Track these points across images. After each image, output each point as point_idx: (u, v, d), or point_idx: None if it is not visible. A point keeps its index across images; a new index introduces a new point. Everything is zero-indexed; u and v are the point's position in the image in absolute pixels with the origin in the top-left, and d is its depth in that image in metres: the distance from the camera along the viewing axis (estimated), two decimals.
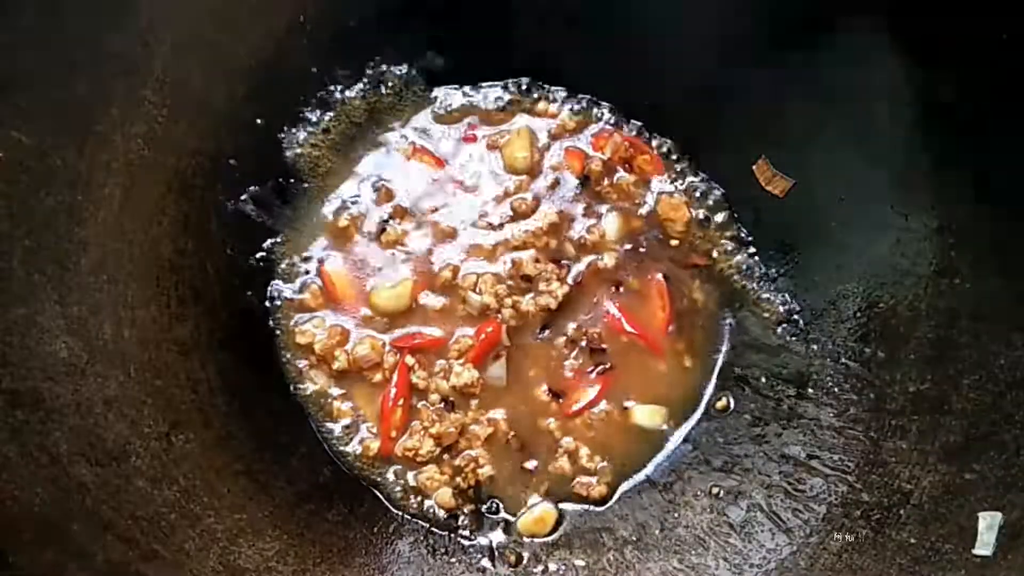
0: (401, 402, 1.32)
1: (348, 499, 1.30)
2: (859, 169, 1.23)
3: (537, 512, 1.33)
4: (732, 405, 1.38)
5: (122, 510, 1.00)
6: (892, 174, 1.18)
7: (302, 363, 1.36)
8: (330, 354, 1.33)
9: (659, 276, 1.41)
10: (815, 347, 1.31)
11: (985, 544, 0.99)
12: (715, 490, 1.30)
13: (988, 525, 0.99)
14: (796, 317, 1.36)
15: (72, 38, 1.01)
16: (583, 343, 1.37)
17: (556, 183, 1.44)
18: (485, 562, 1.30)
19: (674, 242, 1.43)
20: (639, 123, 1.48)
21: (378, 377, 1.34)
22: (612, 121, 1.48)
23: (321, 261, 1.39)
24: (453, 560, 1.29)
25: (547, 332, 1.37)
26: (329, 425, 1.35)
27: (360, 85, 1.41)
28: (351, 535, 1.25)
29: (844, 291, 1.28)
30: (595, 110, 1.49)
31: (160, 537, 1.03)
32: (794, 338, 1.35)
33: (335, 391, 1.35)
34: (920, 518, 1.07)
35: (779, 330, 1.37)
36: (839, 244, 1.28)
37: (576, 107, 1.49)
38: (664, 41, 1.34)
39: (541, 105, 1.48)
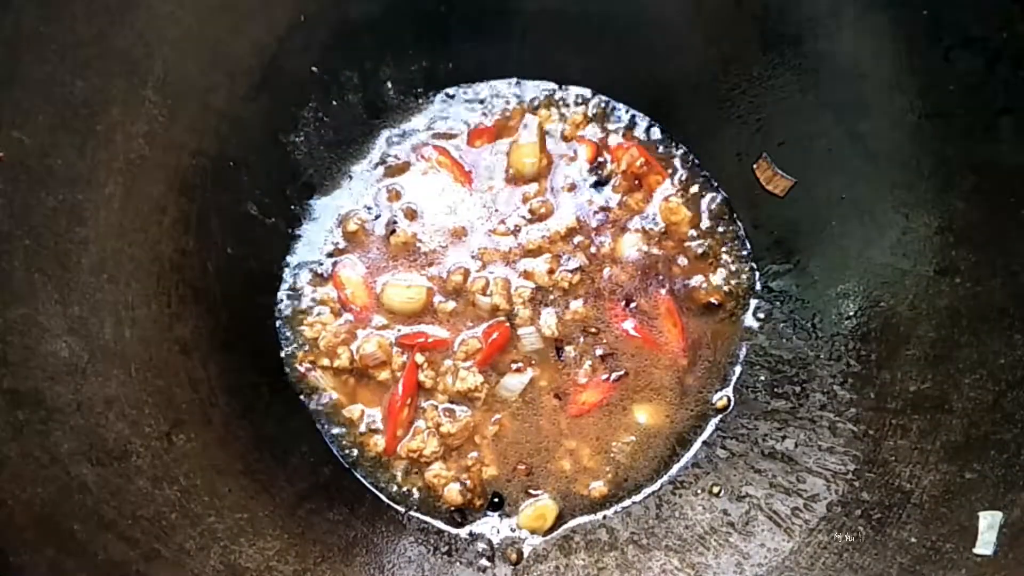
0: (408, 401, 1.32)
1: (349, 498, 1.30)
2: (859, 169, 1.23)
3: (538, 508, 1.33)
4: (732, 405, 1.39)
5: (123, 510, 1.00)
6: (892, 174, 1.18)
7: (305, 362, 1.36)
8: (333, 352, 1.33)
9: (667, 295, 1.41)
10: (815, 347, 1.31)
11: (986, 543, 0.99)
12: (715, 489, 1.31)
13: (989, 524, 0.99)
14: (796, 317, 1.36)
15: (73, 38, 1.01)
16: (595, 353, 1.37)
17: (572, 187, 1.44)
18: (485, 561, 1.30)
19: (683, 261, 1.42)
20: (642, 125, 1.48)
21: (384, 375, 1.34)
22: (621, 124, 1.48)
23: (332, 264, 1.39)
24: (454, 558, 1.29)
25: (563, 354, 1.37)
26: (330, 424, 1.35)
27: (362, 86, 1.41)
28: (352, 534, 1.25)
29: (844, 291, 1.28)
30: (599, 110, 1.49)
31: (161, 536, 1.03)
32: (795, 338, 1.35)
33: (338, 390, 1.35)
34: (921, 517, 1.07)
35: (780, 330, 1.37)
36: (839, 244, 1.28)
37: (580, 107, 1.49)
38: (665, 41, 1.34)
39: (545, 107, 1.48)
